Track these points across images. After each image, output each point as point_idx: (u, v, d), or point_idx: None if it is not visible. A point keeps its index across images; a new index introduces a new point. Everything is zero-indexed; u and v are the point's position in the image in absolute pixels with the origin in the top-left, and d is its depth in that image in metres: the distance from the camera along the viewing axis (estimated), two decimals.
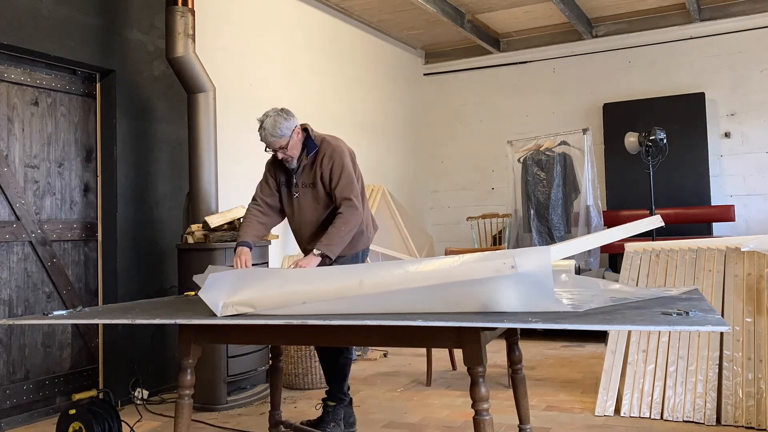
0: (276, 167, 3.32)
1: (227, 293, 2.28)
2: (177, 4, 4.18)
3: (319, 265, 2.98)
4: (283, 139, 3.13)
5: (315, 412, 3.79)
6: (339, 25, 6.72)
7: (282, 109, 3.18)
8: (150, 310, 2.54)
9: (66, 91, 4.12)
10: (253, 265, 4.16)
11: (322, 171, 3.21)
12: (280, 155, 3.18)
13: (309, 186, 3.26)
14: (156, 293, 4.39)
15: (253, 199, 3.35)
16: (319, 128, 6.21)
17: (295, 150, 3.19)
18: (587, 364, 4.80)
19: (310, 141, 3.25)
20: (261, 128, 3.13)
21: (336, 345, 2.40)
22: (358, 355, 5.37)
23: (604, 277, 5.78)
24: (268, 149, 3.19)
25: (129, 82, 4.33)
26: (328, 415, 3.31)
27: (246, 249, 3.14)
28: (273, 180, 3.33)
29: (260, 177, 5.38)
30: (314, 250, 3.03)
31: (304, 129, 3.24)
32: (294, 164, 3.22)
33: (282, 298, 2.24)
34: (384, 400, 4.00)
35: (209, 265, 3.05)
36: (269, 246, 4.50)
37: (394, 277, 2.15)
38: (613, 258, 6.93)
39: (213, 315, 2.29)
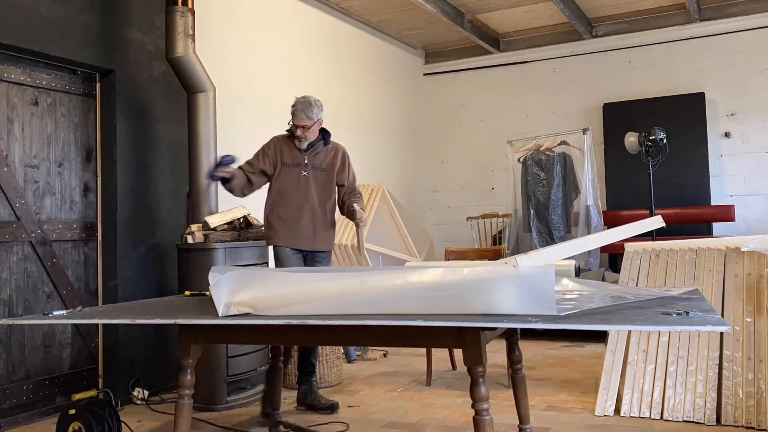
0: (282, 147, 3.83)
1: (229, 293, 2.29)
2: (177, 4, 4.18)
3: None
4: (309, 122, 3.73)
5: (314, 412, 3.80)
6: (339, 24, 6.72)
7: (318, 100, 3.78)
8: (150, 310, 2.54)
9: (66, 91, 4.12)
10: (252, 265, 4.18)
11: (336, 162, 3.87)
12: (298, 132, 3.74)
13: (321, 170, 3.84)
14: (156, 293, 4.39)
15: (248, 162, 3.82)
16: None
17: (312, 135, 3.79)
18: (587, 364, 4.80)
19: (328, 135, 3.88)
20: (298, 102, 3.75)
21: (336, 345, 2.40)
22: (357, 355, 5.37)
23: (603, 277, 5.78)
24: (291, 123, 3.76)
25: (129, 82, 4.33)
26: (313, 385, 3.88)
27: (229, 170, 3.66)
28: (273, 156, 3.81)
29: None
30: (355, 205, 3.77)
31: (325, 128, 3.88)
32: (304, 145, 3.78)
33: (283, 299, 2.24)
34: (384, 400, 4.00)
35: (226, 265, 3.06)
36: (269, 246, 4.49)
37: (396, 286, 2.17)
38: (613, 258, 6.93)
39: (213, 315, 2.29)
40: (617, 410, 3.51)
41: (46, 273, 3.94)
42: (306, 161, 3.78)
